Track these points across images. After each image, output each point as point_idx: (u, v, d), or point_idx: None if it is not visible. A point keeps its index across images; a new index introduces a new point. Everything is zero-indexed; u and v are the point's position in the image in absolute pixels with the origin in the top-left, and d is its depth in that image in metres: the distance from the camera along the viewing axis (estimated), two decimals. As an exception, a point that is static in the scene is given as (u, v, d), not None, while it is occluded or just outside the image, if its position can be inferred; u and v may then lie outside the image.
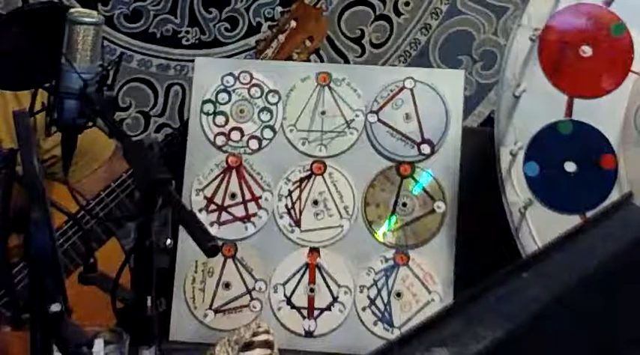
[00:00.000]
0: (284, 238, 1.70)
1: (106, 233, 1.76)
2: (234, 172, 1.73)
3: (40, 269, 1.06)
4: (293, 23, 1.86)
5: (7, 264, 1.24)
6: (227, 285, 1.70)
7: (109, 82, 1.41)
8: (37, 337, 1.07)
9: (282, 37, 1.85)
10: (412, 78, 1.73)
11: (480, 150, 1.71)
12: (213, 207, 1.72)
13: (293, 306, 1.68)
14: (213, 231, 1.69)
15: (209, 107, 1.76)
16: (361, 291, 1.67)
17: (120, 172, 1.78)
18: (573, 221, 1.58)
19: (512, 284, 0.84)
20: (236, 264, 1.70)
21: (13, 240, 1.18)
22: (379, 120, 1.72)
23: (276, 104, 1.75)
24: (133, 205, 1.74)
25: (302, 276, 1.68)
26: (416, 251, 1.67)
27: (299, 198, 1.71)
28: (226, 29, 2.63)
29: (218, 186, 1.73)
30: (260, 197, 1.72)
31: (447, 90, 1.72)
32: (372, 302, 1.66)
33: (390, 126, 1.72)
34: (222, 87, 1.77)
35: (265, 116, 1.75)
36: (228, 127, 1.74)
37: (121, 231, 1.80)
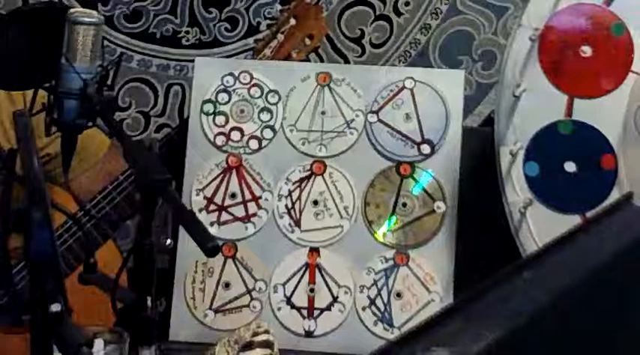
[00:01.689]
0: (284, 238, 1.70)
1: (102, 236, 1.76)
2: (234, 172, 1.73)
3: (40, 269, 1.06)
4: (292, 21, 1.85)
5: (8, 264, 1.24)
6: (227, 285, 1.70)
7: (109, 82, 1.41)
8: (37, 337, 1.07)
9: (281, 36, 1.84)
10: (412, 78, 1.73)
11: (479, 150, 1.71)
12: (213, 207, 1.72)
13: (293, 306, 1.68)
14: (213, 231, 1.68)
15: (209, 107, 1.76)
16: (361, 291, 1.67)
17: (116, 169, 1.78)
18: (573, 221, 1.58)
19: (512, 284, 0.84)
20: (236, 264, 1.70)
21: (13, 242, 1.18)
22: (379, 120, 1.72)
23: (276, 104, 1.75)
24: (129, 206, 1.74)
25: (302, 276, 1.68)
26: (416, 251, 1.67)
27: (299, 198, 1.71)
28: (226, 29, 2.63)
29: (218, 186, 1.73)
30: (260, 197, 1.72)
31: (447, 90, 1.72)
32: (372, 302, 1.66)
33: (390, 126, 1.72)
34: (222, 87, 1.77)
35: (265, 116, 1.75)
36: (228, 127, 1.74)
37: (121, 232, 1.79)
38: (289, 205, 1.71)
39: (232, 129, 1.74)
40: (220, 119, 1.75)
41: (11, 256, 1.22)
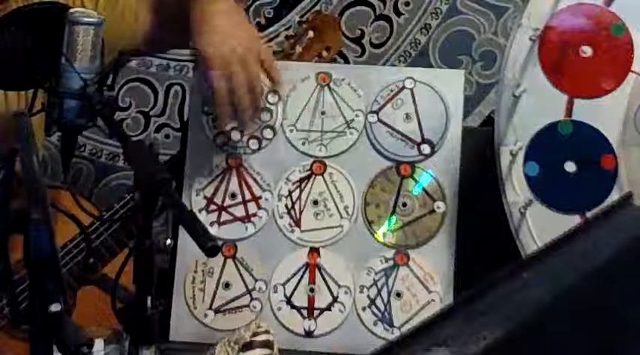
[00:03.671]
0: (284, 238, 1.70)
1: (118, 243, 1.76)
2: (234, 172, 1.73)
3: (40, 269, 1.06)
4: (310, 33, 1.87)
5: (8, 266, 1.23)
6: (227, 285, 1.70)
7: (109, 82, 1.41)
8: (37, 337, 1.07)
9: (299, 48, 1.86)
10: (412, 78, 1.73)
11: (479, 150, 1.72)
12: (213, 207, 1.72)
13: (293, 306, 1.68)
14: (213, 231, 1.69)
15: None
16: (361, 291, 1.67)
17: None
18: (573, 221, 1.58)
19: (512, 284, 0.84)
20: (236, 264, 1.70)
21: (15, 255, 1.17)
22: (379, 120, 1.72)
23: (276, 104, 1.75)
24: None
25: (302, 276, 1.68)
26: (416, 251, 1.67)
27: (299, 198, 1.71)
28: (226, 29, 2.62)
29: (218, 186, 1.73)
30: (260, 197, 1.72)
31: (447, 90, 1.72)
32: (372, 302, 1.66)
33: (390, 126, 1.72)
34: (222, 87, 1.76)
35: (265, 116, 1.75)
36: (228, 127, 1.74)
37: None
38: (289, 205, 1.71)
39: (232, 129, 1.74)
40: (220, 119, 1.75)
41: (14, 269, 1.21)
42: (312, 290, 1.68)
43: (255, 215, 1.71)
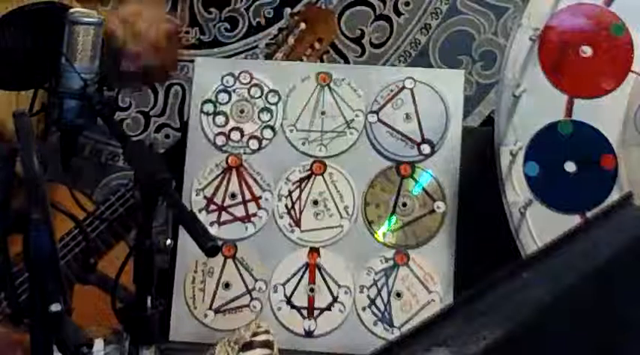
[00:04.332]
0: (284, 238, 1.70)
1: (114, 236, 1.76)
2: (234, 172, 1.73)
3: (40, 269, 1.06)
4: (302, 25, 1.86)
5: (9, 265, 1.24)
6: (227, 285, 1.70)
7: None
8: (38, 337, 1.07)
9: (291, 40, 1.85)
10: (412, 78, 1.73)
11: (479, 150, 1.72)
12: (213, 207, 1.72)
13: (293, 306, 1.68)
14: (213, 231, 1.69)
15: (209, 107, 1.76)
16: (361, 291, 1.67)
17: None
18: (573, 221, 1.58)
19: (512, 284, 0.84)
20: (236, 264, 1.70)
21: (15, 248, 1.18)
22: (379, 120, 1.72)
23: (276, 104, 1.75)
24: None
25: (302, 276, 1.68)
26: (416, 251, 1.67)
27: (299, 198, 1.71)
28: (226, 29, 2.62)
29: (218, 186, 1.73)
30: (260, 197, 1.72)
31: (447, 90, 1.72)
32: (372, 302, 1.66)
33: (390, 126, 1.72)
34: (222, 87, 1.77)
35: (265, 116, 1.75)
36: (228, 127, 1.74)
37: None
38: (289, 205, 1.71)
39: (232, 129, 1.74)
40: (220, 119, 1.75)
41: (13, 262, 1.21)
42: (312, 290, 1.68)
43: (255, 215, 1.71)
